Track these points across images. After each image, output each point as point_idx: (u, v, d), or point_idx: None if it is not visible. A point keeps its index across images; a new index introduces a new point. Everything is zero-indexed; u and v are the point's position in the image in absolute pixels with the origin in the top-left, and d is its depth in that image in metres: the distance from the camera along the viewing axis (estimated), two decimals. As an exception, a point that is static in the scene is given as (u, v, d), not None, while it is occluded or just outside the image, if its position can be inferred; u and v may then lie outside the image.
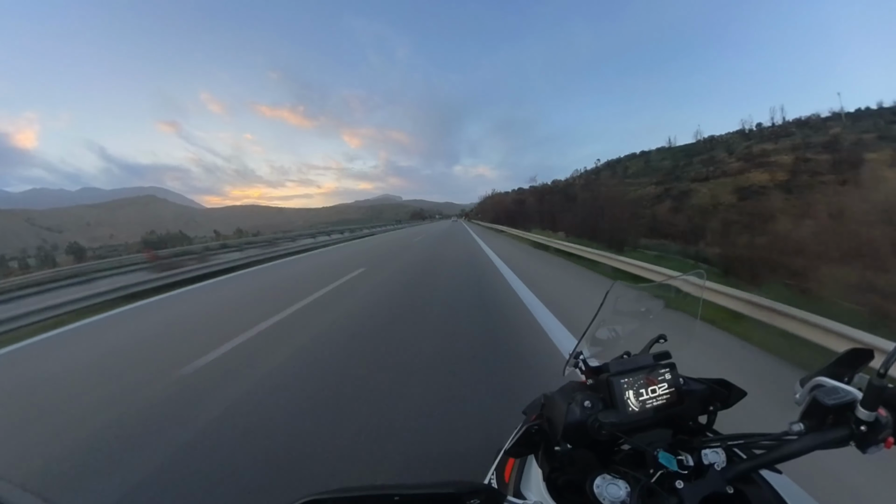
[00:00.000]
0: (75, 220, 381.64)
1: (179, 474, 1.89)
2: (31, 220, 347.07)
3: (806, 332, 3.11)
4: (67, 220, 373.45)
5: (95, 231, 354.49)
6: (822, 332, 2.96)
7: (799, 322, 3.18)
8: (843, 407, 0.50)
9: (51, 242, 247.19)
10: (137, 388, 2.94)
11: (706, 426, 0.72)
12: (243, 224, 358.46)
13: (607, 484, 0.57)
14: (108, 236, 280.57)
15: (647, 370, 0.71)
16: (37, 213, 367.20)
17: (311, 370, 3.09)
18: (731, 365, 3.08)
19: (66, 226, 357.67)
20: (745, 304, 3.81)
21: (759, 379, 2.77)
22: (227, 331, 4.24)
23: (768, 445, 0.57)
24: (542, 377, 2.75)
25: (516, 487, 0.75)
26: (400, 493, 0.48)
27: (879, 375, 0.48)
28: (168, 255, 17.08)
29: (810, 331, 3.07)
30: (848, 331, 2.76)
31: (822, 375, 0.54)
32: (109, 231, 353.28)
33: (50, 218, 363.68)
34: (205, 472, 1.89)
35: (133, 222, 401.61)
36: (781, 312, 3.36)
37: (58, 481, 1.94)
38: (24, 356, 4.26)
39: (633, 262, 6.74)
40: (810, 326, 3.07)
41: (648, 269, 6.22)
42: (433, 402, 2.47)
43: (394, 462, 1.89)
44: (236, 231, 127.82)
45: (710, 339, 3.59)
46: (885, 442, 0.48)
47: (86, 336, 4.87)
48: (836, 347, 2.73)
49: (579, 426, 0.64)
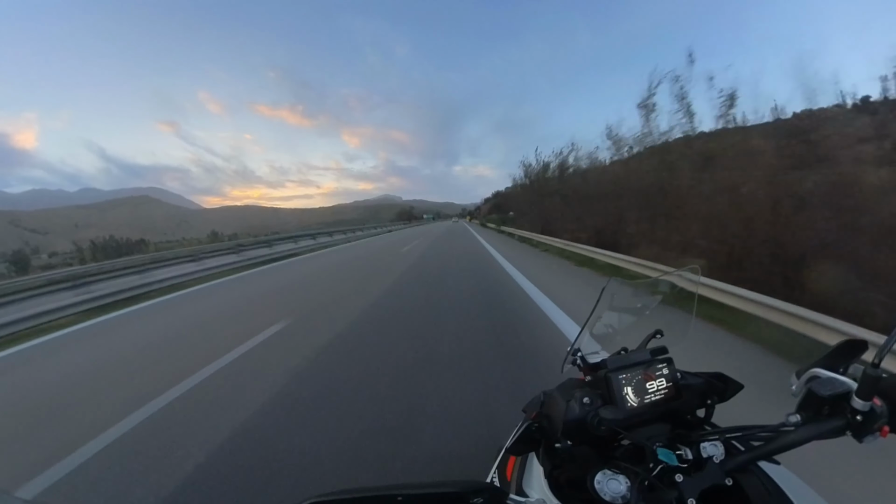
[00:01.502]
0: (64, 221, 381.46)
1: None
2: (15, 221, 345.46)
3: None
4: (56, 221, 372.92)
5: (83, 233, 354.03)
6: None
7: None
8: (839, 397, 0.52)
9: (32, 245, 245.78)
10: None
11: (704, 420, 0.74)
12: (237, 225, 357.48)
13: (608, 479, 0.59)
14: (93, 238, 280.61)
15: (644, 366, 0.72)
16: (24, 215, 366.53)
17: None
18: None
19: (54, 227, 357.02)
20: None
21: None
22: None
23: (766, 437, 0.58)
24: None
25: (518, 485, 0.76)
26: (403, 494, 0.48)
27: (873, 366, 0.49)
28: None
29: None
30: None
31: (817, 367, 0.56)
32: (96, 233, 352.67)
33: (37, 219, 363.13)
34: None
35: (123, 223, 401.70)
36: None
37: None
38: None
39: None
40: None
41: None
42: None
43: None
44: (210, 234, 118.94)
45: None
46: (881, 431, 0.50)
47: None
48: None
49: (579, 423, 0.65)
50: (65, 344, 4.84)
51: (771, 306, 3.41)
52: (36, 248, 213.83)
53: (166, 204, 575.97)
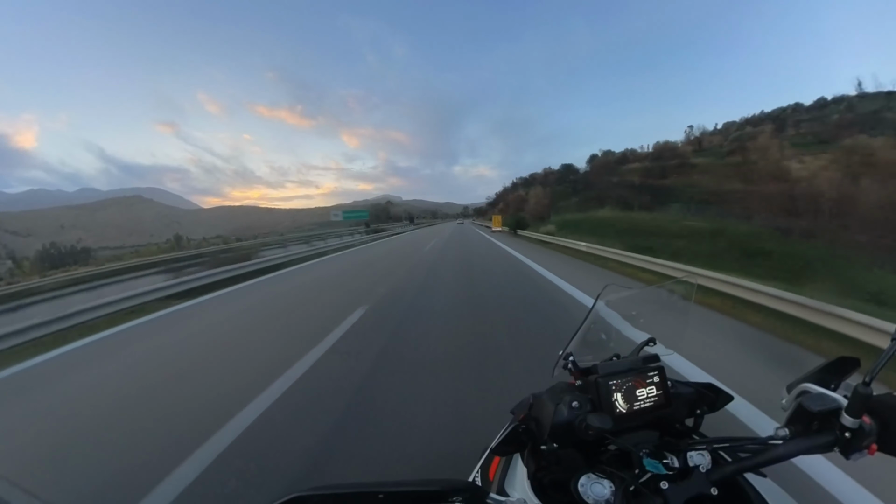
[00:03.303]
0: (51, 222, 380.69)
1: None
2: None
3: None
4: (42, 222, 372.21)
5: (69, 234, 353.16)
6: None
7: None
8: (829, 413, 0.53)
9: (10, 248, 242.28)
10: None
11: (693, 429, 0.75)
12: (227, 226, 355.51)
13: (592, 483, 0.60)
14: (76, 241, 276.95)
15: (635, 372, 0.74)
16: (11, 216, 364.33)
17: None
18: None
19: (39, 229, 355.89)
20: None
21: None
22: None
23: (753, 449, 0.60)
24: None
25: (500, 485, 0.78)
26: (384, 491, 0.50)
27: (865, 384, 0.51)
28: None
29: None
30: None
31: (808, 382, 0.57)
32: (81, 234, 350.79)
33: (25, 220, 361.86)
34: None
35: (112, 225, 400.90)
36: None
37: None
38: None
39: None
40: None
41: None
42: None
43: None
44: (173, 238, 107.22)
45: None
46: (869, 449, 0.51)
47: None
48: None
49: (567, 426, 0.67)
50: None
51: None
52: (12, 251, 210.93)
53: (158, 204, 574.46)
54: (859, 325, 3.59)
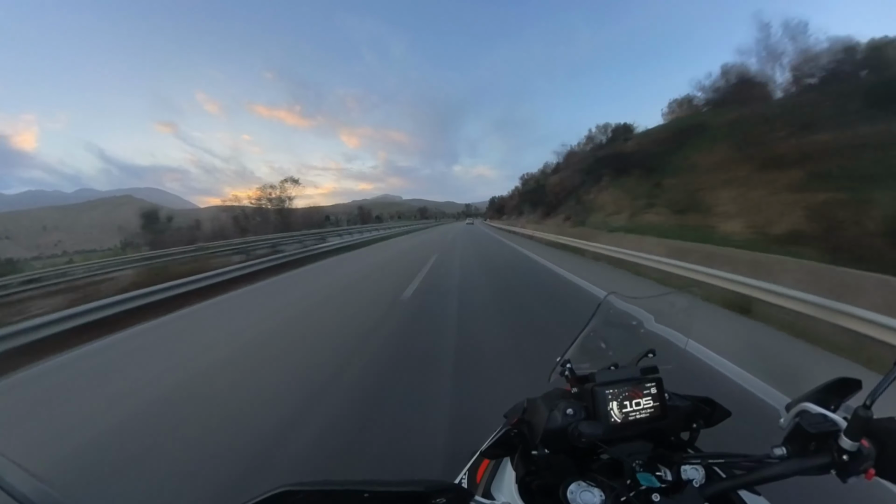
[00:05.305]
0: (33, 223, 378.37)
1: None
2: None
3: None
4: (24, 223, 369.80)
5: (51, 237, 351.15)
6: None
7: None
8: (826, 435, 0.54)
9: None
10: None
11: (688, 443, 0.76)
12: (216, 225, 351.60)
13: (582, 490, 0.61)
14: (54, 244, 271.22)
15: (632, 383, 0.75)
16: (3, 218, 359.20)
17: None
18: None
19: (20, 230, 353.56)
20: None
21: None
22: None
23: (749, 466, 0.60)
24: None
25: (487, 488, 0.79)
26: (370, 490, 0.51)
27: (865, 407, 0.51)
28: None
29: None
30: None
31: (808, 401, 0.57)
32: (63, 236, 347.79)
33: (12, 221, 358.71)
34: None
35: (96, 226, 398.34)
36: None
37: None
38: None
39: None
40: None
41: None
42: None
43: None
44: (121, 243, 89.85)
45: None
46: (867, 473, 0.52)
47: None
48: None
49: (559, 432, 0.68)
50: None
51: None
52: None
53: (150, 204, 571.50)
54: None
